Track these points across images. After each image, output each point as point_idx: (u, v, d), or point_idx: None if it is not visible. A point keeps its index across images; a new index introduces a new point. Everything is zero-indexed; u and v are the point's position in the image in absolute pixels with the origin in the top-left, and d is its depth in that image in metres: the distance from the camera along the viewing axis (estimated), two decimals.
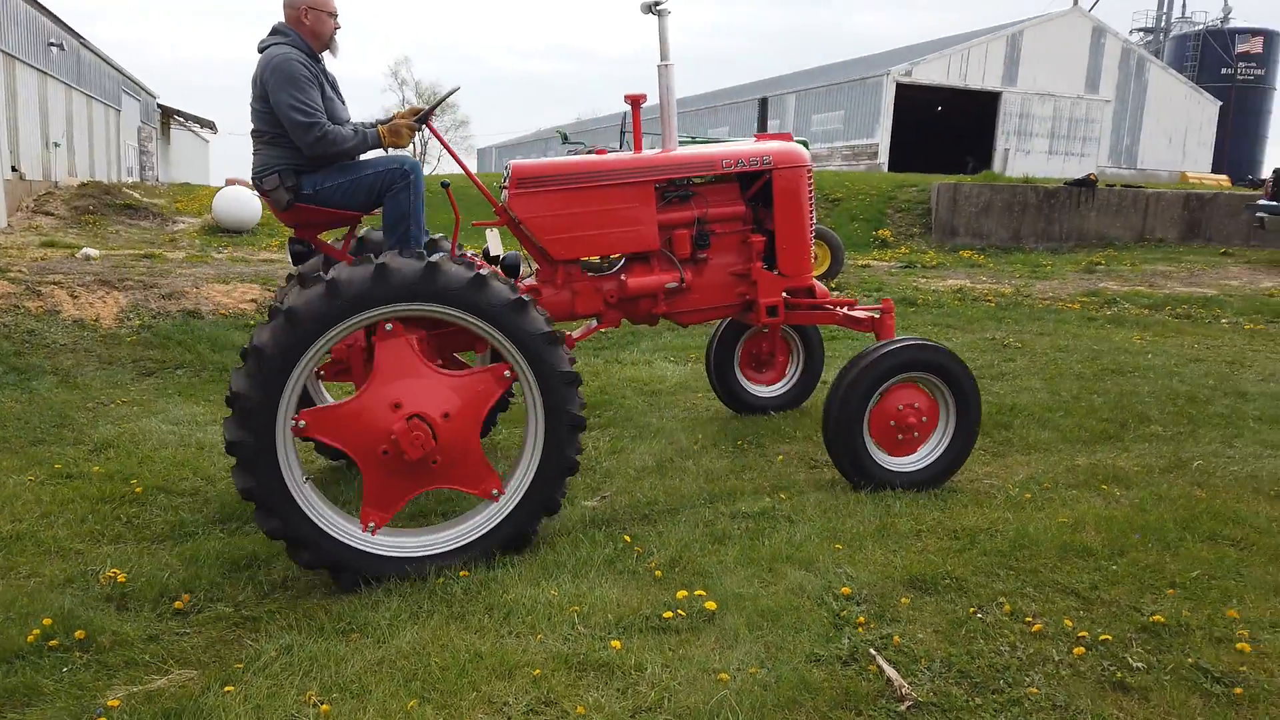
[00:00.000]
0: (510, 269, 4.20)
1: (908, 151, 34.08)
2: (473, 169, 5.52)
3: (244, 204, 13.28)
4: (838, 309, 4.83)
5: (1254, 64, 49.58)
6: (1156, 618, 2.89)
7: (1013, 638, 2.81)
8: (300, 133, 3.87)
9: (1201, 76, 46.28)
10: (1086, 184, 16.59)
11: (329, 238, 4.52)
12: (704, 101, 47.75)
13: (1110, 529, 3.65)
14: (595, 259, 4.62)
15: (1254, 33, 49.61)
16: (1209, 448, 4.91)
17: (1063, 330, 8.61)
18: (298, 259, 4.36)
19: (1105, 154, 38.89)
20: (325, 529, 3.34)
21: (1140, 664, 2.65)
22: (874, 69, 36.62)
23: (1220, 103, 43.48)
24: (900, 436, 4.23)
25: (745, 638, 2.83)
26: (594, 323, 4.62)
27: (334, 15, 4.16)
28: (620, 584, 3.24)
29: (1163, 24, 57.95)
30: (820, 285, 5.00)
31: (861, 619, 2.92)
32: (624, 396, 6.21)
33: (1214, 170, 39.98)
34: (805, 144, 6.31)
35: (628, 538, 3.62)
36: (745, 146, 4.77)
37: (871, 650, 2.71)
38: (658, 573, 3.31)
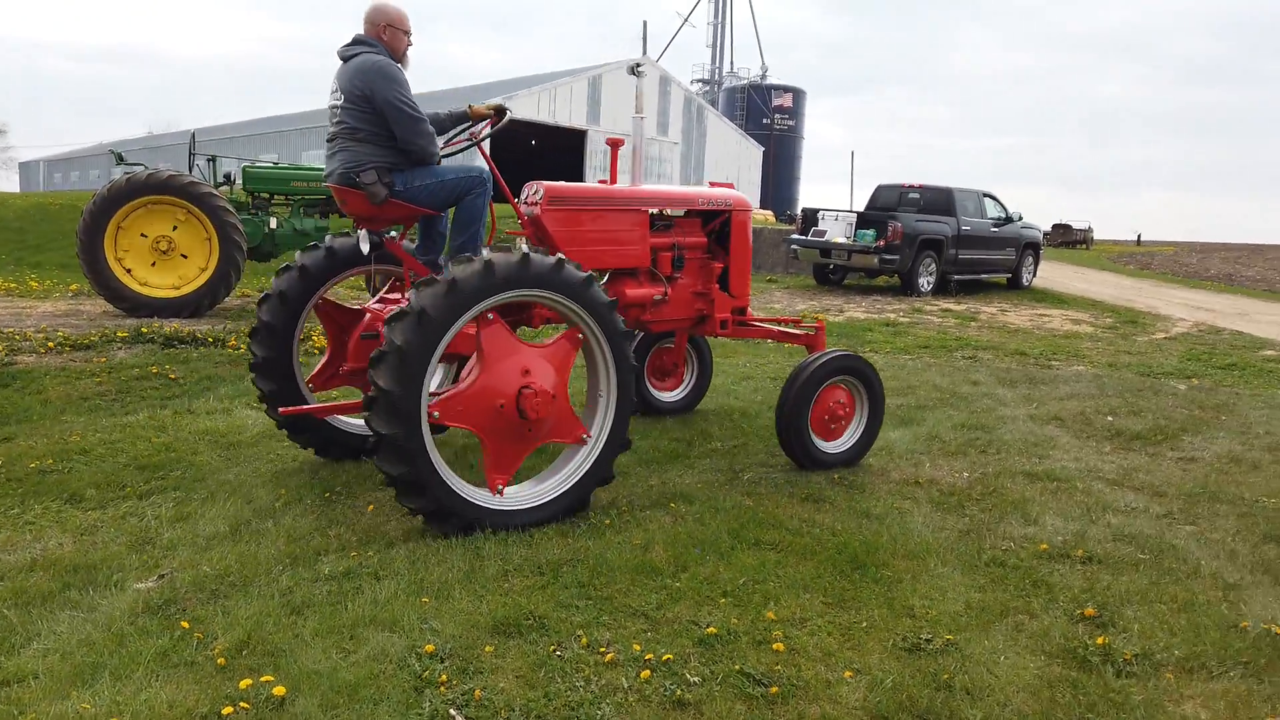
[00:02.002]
0: None
1: (507, 184, 35.42)
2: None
3: None
4: (776, 326, 6.02)
5: (787, 116, 58.52)
6: (711, 629, 3.18)
7: (588, 671, 2.92)
8: (412, 125, 4.35)
9: (748, 125, 53.64)
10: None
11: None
12: (253, 128, 46.40)
13: (675, 545, 3.98)
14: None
15: (785, 89, 58.61)
16: (757, 459, 5.59)
17: None
18: (375, 248, 4.69)
19: None
20: (448, 482, 3.99)
21: (696, 678, 2.89)
22: (470, 101, 37.36)
23: (763, 148, 50.70)
24: (833, 426, 5.42)
25: None
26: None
27: (408, 34, 4.63)
28: (174, 681, 2.86)
29: (716, 76, 66.26)
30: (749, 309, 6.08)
31: (444, 677, 2.86)
32: (195, 452, 5.56)
33: (761, 206, 46.41)
34: None
35: (185, 623, 3.21)
36: (709, 191, 5.87)
37: (451, 711, 2.66)
38: (221, 660, 2.98)
